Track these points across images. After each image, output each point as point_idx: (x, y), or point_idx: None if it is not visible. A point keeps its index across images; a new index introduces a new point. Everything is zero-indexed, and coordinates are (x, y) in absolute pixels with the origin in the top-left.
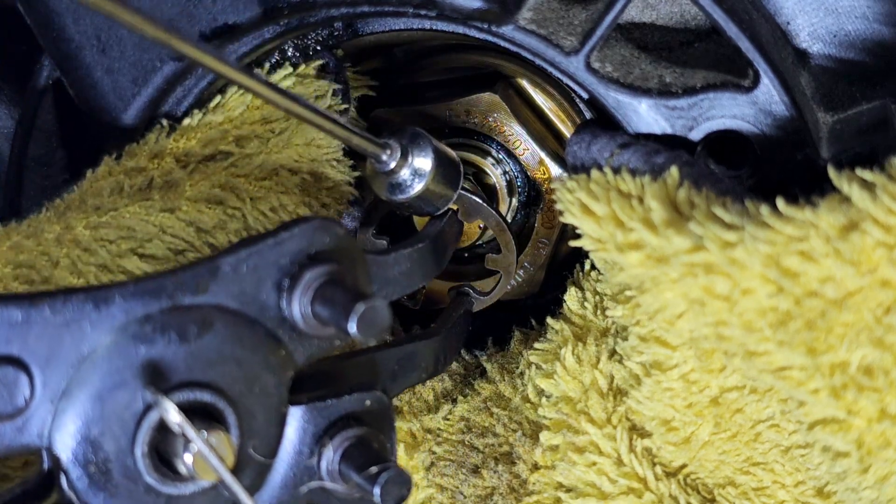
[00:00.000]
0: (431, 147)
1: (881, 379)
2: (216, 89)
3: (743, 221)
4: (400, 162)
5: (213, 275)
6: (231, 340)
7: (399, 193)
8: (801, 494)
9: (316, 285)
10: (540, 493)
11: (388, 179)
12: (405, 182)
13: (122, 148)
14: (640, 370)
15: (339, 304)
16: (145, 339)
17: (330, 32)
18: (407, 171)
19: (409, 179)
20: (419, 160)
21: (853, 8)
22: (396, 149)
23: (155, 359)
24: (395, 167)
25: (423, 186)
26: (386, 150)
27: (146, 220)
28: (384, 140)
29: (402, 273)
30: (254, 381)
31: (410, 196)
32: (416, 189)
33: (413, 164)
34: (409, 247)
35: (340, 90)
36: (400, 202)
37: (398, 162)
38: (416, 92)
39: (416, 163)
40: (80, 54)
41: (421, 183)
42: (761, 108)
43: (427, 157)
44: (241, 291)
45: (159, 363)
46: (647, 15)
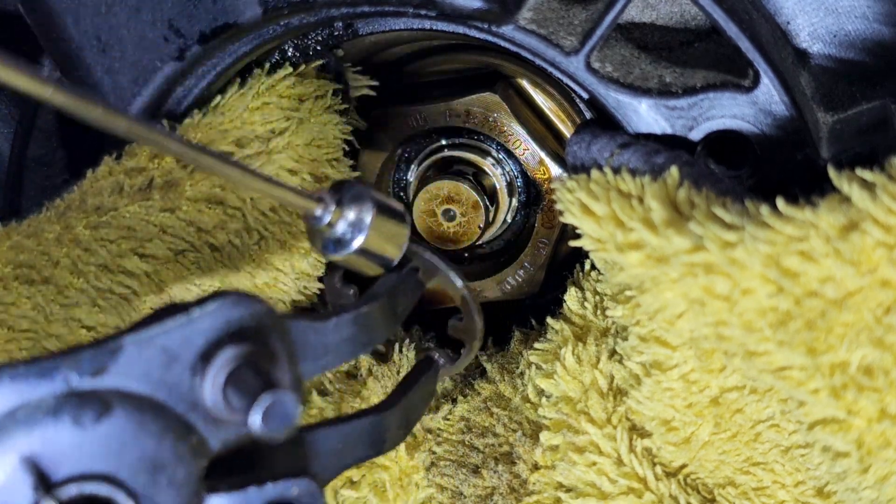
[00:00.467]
0: (369, 197)
1: (881, 379)
2: (216, 89)
3: (743, 221)
4: (336, 215)
5: (113, 356)
6: (133, 427)
7: (339, 250)
8: (801, 494)
9: (228, 368)
10: (540, 493)
11: (325, 236)
12: (344, 237)
13: (122, 148)
14: (640, 370)
15: (248, 391)
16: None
17: (330, 32)
18: (344, 225)
19: (348, 234)
20: (357, 212)
21: (853, 8)
22: (330, 202)
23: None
24: (330, 221)
25: (362, 240)
26: (320, 204)
27: (146, 220)
28: (317, 194)
29: (345, 339)
30: (160, 471)
31: (351, 252)
32: (355, 244)
33: (350, 217)
34: (352, 310)
35: (340, 90)
36: (340, 260)
37: (334, 216)
38: (416, 92)
39: (353, 215)
40: (80, 54)
41: (360, 236)
42: (761, 108)
43: (365, 207)
44: (146, 373)
45: (50, 453)
46: (647, 15)
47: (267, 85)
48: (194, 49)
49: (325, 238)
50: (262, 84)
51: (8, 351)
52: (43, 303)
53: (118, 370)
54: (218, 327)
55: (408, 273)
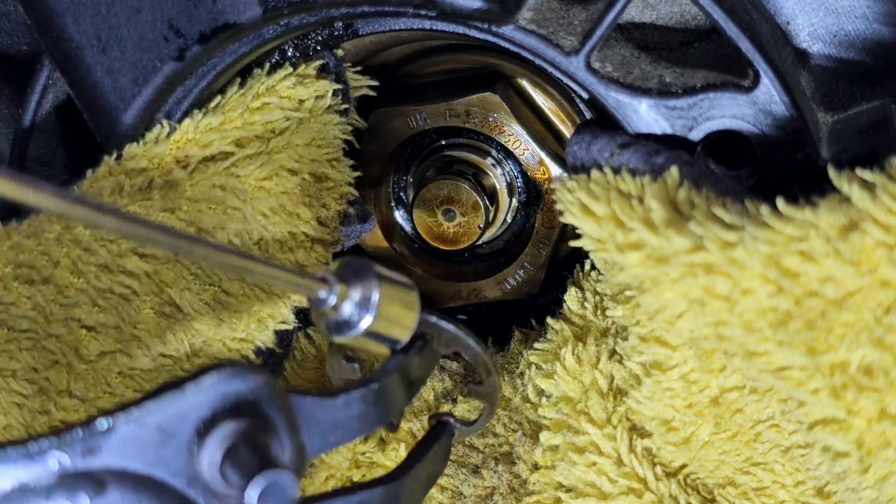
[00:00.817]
0: (374, 274)
1: (881, 379)
2: (216, 89)
3: (743, 221)
4: (341, 296)
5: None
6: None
7: (346, 331)
8: (801, 494)
9: (225, 445)
10: (540, 493)
11: (331, 318)
12: (351, 319)
13: (122, 148)
14: (640, 370)
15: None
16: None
17: (330, 32)
18: (350, 306)
19: (355, 315)
20: (363, 291)
21: (853, 8)
22: (335, 282)
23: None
24: (336, 304)
25: (371, 321)
26: (323, 286)
27: None
28: (320, 275)
29: (355, 416)
30: None
31: (359, 334)
32: (363, 325)
33: (356, 297)
34: (362, 387)
35: (340, 90)
36: (349, 342)
37: (339, 296)
38: (416, 92)
39: (359, 294)
40: (80, 54)
41: (368, 317)
42: (761, 108)
43: (371, 286)
44: (140, 451)
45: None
46: (647, 15)
47: (267, 85)
48: (194, 49)
49: (331, 320)
50: (262, 84)
51: (8, 351)
52: (43, 303)
53: (111, 450)
54: (213, 403)
55: (420, 345)
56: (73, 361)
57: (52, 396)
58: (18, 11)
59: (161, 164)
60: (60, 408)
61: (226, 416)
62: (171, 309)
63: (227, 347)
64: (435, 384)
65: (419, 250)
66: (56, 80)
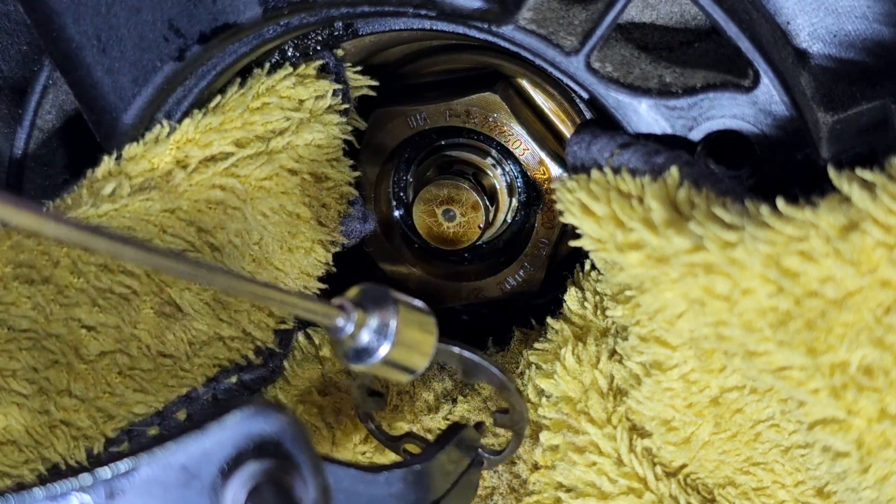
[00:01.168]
0: (392, 301)
1: (881, 379)
2: (216, 89)
3: (743, 221)
4: (359, 324)
5: (129, 477)
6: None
7: (365, 359)
8: (801, 494)
9: (249, 485)
10: (540, 493)
11: (349, 346)
12: (369, 346)
13: (122, 148)
14: (640, 370)
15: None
16: None
17: (330, 32)
18: (368, 333)
19: (373, 342)
20: (381, 318)
21: (853, 8)
22: (352, 310)
23: None
24: (354, 331)
25: (388, 349)
26: (341, 314)
27: (146, 220)
28: (337, 302)
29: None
30: None
31: (378, 361)
32: (381, 353)
33: (374, 325)
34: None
35: (341, 90)
36: (366, 370)
37: (357, 324)
38: (416, 92)
39: (376, 322)
40: (80, 54)
41: (387, 343)
42: (761, 108)
43: (389, 313)
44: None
45: None
46: (647, 15)
47: (267, 85)
48: (194, 49)
49: (349, 348)
50: (262, 84)
51: (8, 351)
52: (43, 302)
53: (135, 491)
54: (237, 443)
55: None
56: (72, 361)
57: (51, 396)
58: (18, 11)
59: (161, 164)
60: (60, 407)
61: (250, 456)
62: (171, 309)
63: (228, 347)
64: (435, 385)
65: (419, 250)
66: (56, 80)
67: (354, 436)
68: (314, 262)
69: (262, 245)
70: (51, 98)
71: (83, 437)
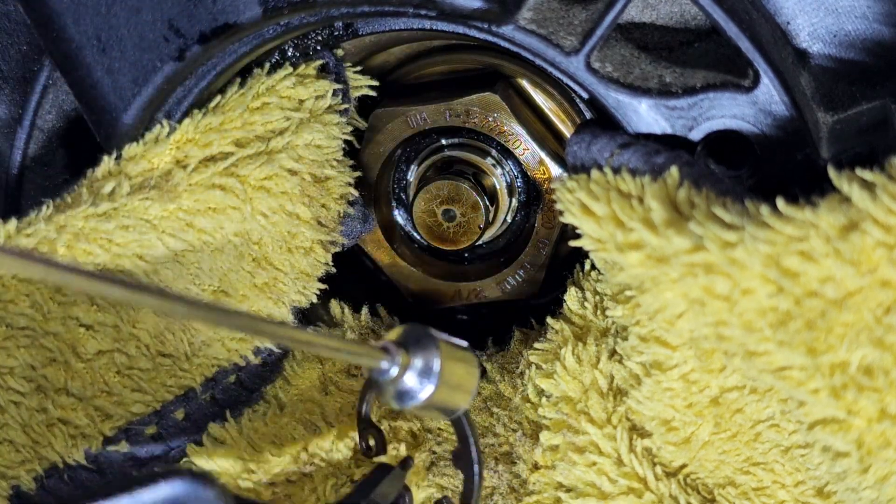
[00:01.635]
0: (434, 340)
1: (881, 379)
2: (216, 89)
3: (743, 221)
4: (402, 366)
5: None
6: None
7: (408, 401)
8: (801, 494)
9: None
10: (540, 493)
11: (393, 388)
12: (413, 388)
13: (122, 148)
14: (640, 370)
15: None
16: None
17: (330, 32)
18: (412, 376)
19: (417, 383)
20: (425, 359)
21: (853, 8)
22: (396, 353)
23: None
24: (398, 373)
25: (433, 389)
26: (385, 357)
27: (146, 220)
28: (382, 344)
29: None
30: None
31: (422, 402)
32: (426, 393)
33: (418, 366)
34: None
35: (341, 90)
36: (412, 411)
37: (401, 366)
38: (416, 92)
39: (421, 363)
40: (80, 54)
41: (430, 385)
42: (761, 108)
43: (433, 354)
44: None
45: None
46: (647, 15)
47: (267, 85)
48: (194, 49)
49: (394, 391)
50: (262, 84)
51: (6, 348)
52: (41, 300)
53: None
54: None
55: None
56: (70, 360)
57: (49, 394)
58: (18, 11)
59: (161, 164)
60: (58, 406)
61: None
62: None
63: (227, 347)
64: None
65: (419, 250)
66: (56, 80)
67: (355, 435)
68: (314, 263)
69: (261, 245)
70: (51, 98)
71: (81, 435)
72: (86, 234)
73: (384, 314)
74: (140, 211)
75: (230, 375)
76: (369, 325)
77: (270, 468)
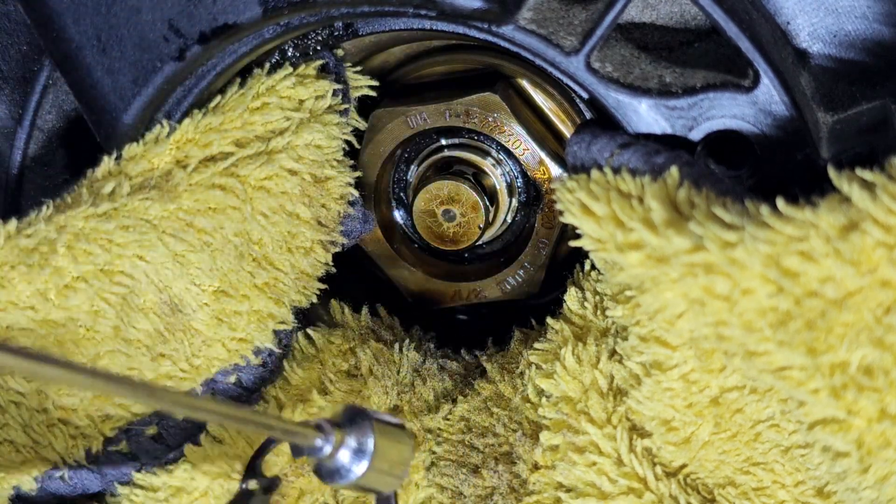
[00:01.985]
0: (370, 421)
1: (881, 379)
2: (216, 89)
3: (743, 221)
4: (336, 443)
5: None
6: None
7: (339, 479)
8: (801, 494)
9: None
10: (540, 493)
11: (326, 465)
12: (344, 466)
13: (122, 148)
14: (640, 370)
15: None
16: None
17: (330, 32)
18: (346, 454)
19: (349, 461)
20: (358, 439)
21: (853, 8)
22: (331, 431)
23: None
24: (332, 451)
25: (366, 467)
26: (319, 434)
27: (145, 220)
28: (316, 422)
29: None
30: None
31: (352, 481)
32: (357, 471)
33: (352, 445)
34: None
35: (341, 90)
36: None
37: (335, 444)
38: (416, 92)
39: (355, 442)
40: (80, 54)
41: (363, 463)
42: (761, 108)
43: (367, 433)
44: None
45: None
46: (647, 15)
47: (267, 85)
48: (194, 49)
49: (326, 467)
50: (262, 84)
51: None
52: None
53: None
54: None
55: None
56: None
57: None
58: (18, 11)
59: (161, 164)
60: (58, 407)
61: None
62: (170, 309)
63: (227, 348)
64: (435, 384)
65: (419, 250)
66: (56, 80)
67: None
68: (314, 263)
69: (262, 245)
70: (51, 98)
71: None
72: (86, 234)
73: (384, 314)
74: (140, 211)
75: (230, 376)
76: (369, 325)
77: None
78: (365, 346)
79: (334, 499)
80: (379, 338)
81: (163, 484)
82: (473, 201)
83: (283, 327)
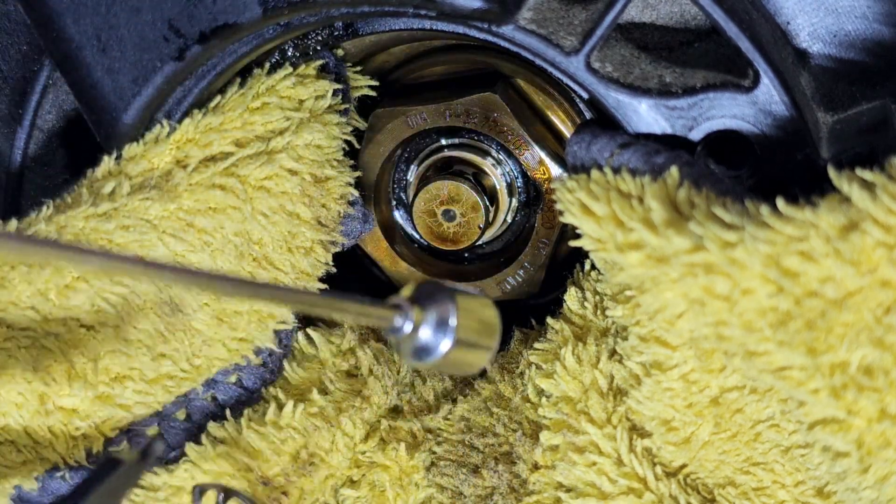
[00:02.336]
0: (448, 294)
1: (881, 379)
2: (216, 89)
3: (743, 221)
4: (417, 321)
5: None
6: None
7: (427, 357)
8: (801, 494)
9: None
10: (540, 493)
11: (410, 344)
12: (430, 343)
13: (122, 148)
14: (640, 370)
15: None
16: None
17: (330, 32)
18: (428, 331)
19: (434, 338)
20: (439, 313)
21: (853, 8)
22: (409, 309)
23: None
24: (413, 330)
25: (452, 342)
26: (398, 313)
27: (146, 220)
28: (394, 301)
29: None
30: None
31: (439, 357)
32: (443, 348)
33: (433, 320)
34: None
35: (341, 90)
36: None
37: (415, 322)
38: (416, 92)
39: (436, 317)
40: (80, 54)
41: (448, 339)
42: (761, 108)
43: (448, 306)
44: None
45: None
46: (647, 15)
47: (267, 85)
48: (194, 49)
49: (411, 347)
50: (261, 84)
51: (6, 349)
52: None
53: None
54: None
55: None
56: (71, 360)
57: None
58: (18, 11)
59: (161, 164)
60: (58, 407)
61: None
62: (170, 309)
63: (228, 348)
64: (435, 384)
65: (419, 250)
66: (56, 80)
67: (355, 435)
68: (314, 263)
69: (262, 245)
70: (51, 98)
71: (82, 436)
72: (86, 234)
73: None
74: (140, 211)
75: (231, 376)
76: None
77: (269, 468)
78: (365, 346)
79: (335, 499)
80: (379, 338)
81: (163, 483)
82: (473, 201)
83: (283, 327)
